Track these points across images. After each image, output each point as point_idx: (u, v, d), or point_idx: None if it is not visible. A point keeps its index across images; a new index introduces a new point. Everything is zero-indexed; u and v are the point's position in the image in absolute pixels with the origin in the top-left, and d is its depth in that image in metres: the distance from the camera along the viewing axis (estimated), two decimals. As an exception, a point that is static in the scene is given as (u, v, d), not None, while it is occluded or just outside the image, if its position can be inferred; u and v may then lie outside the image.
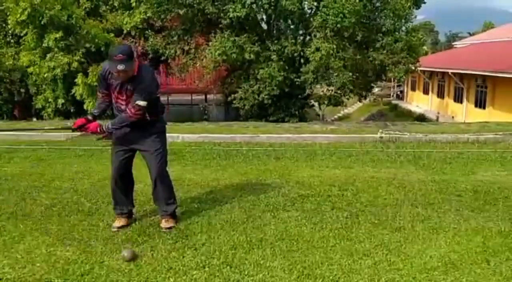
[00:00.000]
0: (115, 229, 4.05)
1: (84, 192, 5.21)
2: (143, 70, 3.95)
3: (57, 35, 15.01)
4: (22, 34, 16.05)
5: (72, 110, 16.14)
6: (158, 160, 4.09)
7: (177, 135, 8.93)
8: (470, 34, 53.34)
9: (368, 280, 3.21)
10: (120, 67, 3.70)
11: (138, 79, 3.86)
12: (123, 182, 4.18)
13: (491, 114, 19.14)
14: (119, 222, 4.14)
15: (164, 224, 4.15)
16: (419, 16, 22.30)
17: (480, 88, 21.47)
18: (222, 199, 4.96)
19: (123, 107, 3.94)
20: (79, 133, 4.94)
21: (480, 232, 4.08)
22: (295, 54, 16.56)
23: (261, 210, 4.61)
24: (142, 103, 3.83)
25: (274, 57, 15.96)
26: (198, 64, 17.55)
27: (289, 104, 17.43)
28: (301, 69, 16.66)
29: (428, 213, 4.55)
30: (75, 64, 15.17)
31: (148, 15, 16.59)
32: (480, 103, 21.33)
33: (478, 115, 20.05)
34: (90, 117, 4.06)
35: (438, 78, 27.11)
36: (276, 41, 16.60)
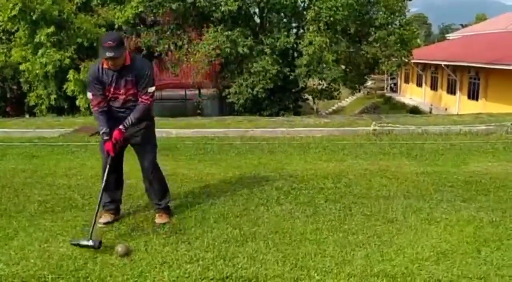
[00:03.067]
0: (101, 225, 4.02)
1: (77, 188, 5.20)
2: (137, 60, 4.01)
3: (49, 30, 14.90)
4: (13, 30, 15.92)
5: (65, 106, 16.06)
6: (150, 153, 4.14)
7: (171, 130, 8.92)
8: (463, 26, 53.44)
9: (360, 271, 3.24)
10: (110, 54, 3.69)
11: (135, 68, 3.89)
12: (114, 177, 4.14)
13: (484, 106, 19.24)
14: (105, 218, 4.12)
15: (158, 219, 4.16)
16: (412, 8, 22.36)
17: (473, 80, 21.56)
18: (216, 193, 4.97)
19: (121, 97, 3.92)
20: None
21: (472, 222, 4.12)
22: (289, 46, 16.56)
23: (255, 204, 4.63)
24: (152, 88, 3.96)
25: (267, 50, 15.95)
26: (191, 59, 17.50)
27: (283, 98, 17.44)
28: (294, 63, 16.67)
29: (420, 204, 4.59)
30: (67, 61, 15.08)
31: (140, 9, 16.49)
32: (473, 95, 21.43)
33: (471, 107, 20.15)
34: (107, 137, 3.89)
35: (431, 70, 27.20)
36: (269, 35, 16.58)
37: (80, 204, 4.64)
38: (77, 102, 15.43)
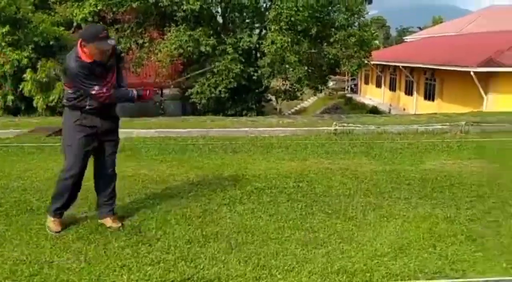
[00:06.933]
0: (54, 233, 3.81)
1: (33, 191, 5.01)
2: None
3: (4, 30, 14.40)
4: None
5: (22, 107, 15.54)
6: (115, 152, 4.07)
7: (131, 130, 8.75)
8: (420, 29, 55.08)
9: (321, 268, 3.28)
10: (111, 42, 3.71)
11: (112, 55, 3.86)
12: (80, 180, 3.95)
13: (439, 106, 19.92)
14: (59, 225, 3.88)
15: (113, 224, 3.96)
16: (371, 11, 22.88)
17: (429, 81, 22.27)
18: (178, 194, 4.92)
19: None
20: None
21: (428, 218, 4.25)
22: (251, 46, 16.62)
23: (217, 204, 4.61)
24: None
25: (230, 50, 15.93)
26: (153, 59, 17.27)
27: (246, 98, 17.47)
28: (257, 63, 16.73)
29: (379, 202, 4.70)
30: (25, 61, 14.63)
31: (99, 7, 16.11)
32: (429, 96, 22.14)
33: (427, 107, 20.81)
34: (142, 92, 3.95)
35: (390, 71, 27.92)
36: (231, 35, 16.57)
37: (35, 207, 4.48)
38: (34, 103, 14.96)
